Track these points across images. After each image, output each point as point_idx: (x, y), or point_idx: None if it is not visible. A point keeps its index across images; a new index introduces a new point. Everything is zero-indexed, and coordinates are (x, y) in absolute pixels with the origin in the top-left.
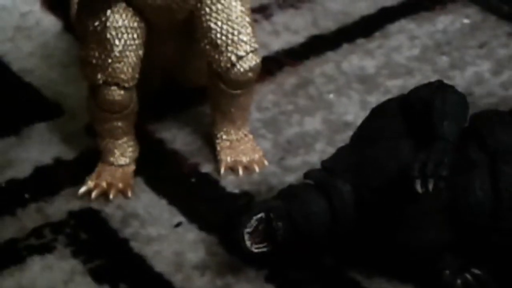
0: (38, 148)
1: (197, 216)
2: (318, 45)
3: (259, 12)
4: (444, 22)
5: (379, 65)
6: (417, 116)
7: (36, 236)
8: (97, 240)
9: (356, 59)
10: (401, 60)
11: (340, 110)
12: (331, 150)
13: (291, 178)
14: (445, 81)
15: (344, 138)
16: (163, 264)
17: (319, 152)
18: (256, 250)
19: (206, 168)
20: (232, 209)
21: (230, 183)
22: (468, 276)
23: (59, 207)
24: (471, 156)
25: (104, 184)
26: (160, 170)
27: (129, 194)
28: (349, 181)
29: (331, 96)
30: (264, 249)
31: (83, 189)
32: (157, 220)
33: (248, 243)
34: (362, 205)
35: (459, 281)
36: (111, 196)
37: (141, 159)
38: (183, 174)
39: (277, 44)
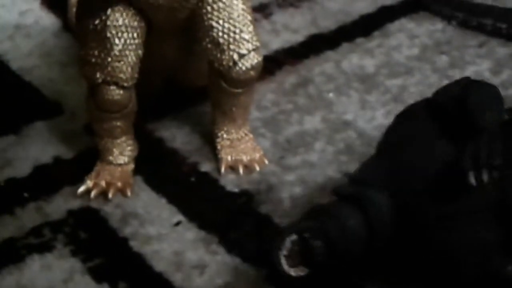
0: (37, 147)
1: (196, 215)
2: (317, 44)
3: (259, 11)
4: (444, 21)
5: (379, 64)
6: (451, 115)
7: (35, 235)
8: (96, 239)
9: (356, 58)
10: (401, 59)
11: (340, 109)
12: (330, 149)
13: (291, 177)
14: (445, 80)
15: (343, 137)
16: (163, 263)
17: (319, 151)
18: (294, 274)
19: (206, 167)
20: (231, 208)
21: (229, 182)
22: None
23: (58, 206)
24: None
25: (103, 183)
26: (160, 169)
27: (128, 193)
28: (382, 189)
29: (331, 95)
30: (302, 273)
31: (82, 189)
32: (157, 219)
33: (285, 267)
34: (401, 212)
35: None
36: (110, 196)
37: (141, 158)
38: (182, 173)
39: (277, 43)
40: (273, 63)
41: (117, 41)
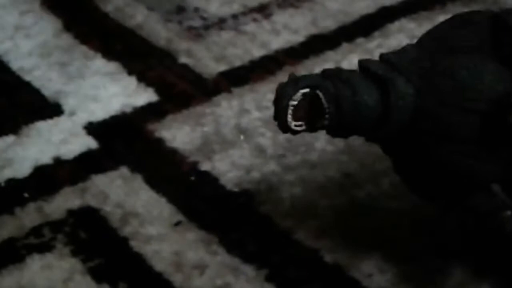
0: (37, 147)
1: (196, 215)
2: (317, 45)
3: (259, 12)
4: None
5: None
6: None
7: (35, 235)
8: (96, 239)
9: (356, 59)
10: None
11: None
12: (331, 149)
13: (291, 177)
14: None
15: None
16: (163, 263)
17: (319, 151)
18: (294, 128)
19: (206, 166)
20: (231, 208)
21: (229, 182)
22: None
23: (58, 206)
24: None
25: None
26: (160, 168)
27: None
28: (414, 83)
29: None
30: (303, 127)
31: None
32: (157, 219)
33: (289, 117)
34: (422, 115)
35: None
36: None
37: (140, 157)
38: (182, 173)
39: (277, 43)
40: (273, 63)
41: None
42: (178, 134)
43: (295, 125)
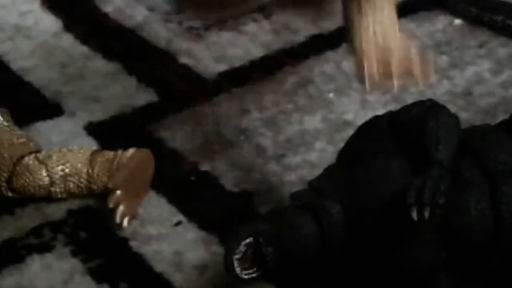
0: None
1: (196, 215)
2: (318, 45)
3: (259, 12)
4: (444, 22)
5: None
6: (408, 136)
7: (35, 235)
8: (96, 239)
9: None
10: None
11: (340, 109)
12: (331, 149)
13: (291, 177)
14: (445, 80)
15: (344, 136)
16: (163, 263)
17: (319, 151)
18: (246, 276)
19: (206, 166)
20: (231, 208)
21: (229, 182)
22: None
23: (59, 206)
24: (464, 174)
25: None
26: (160, 169)
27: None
28: (338, 202)
29: (331, 95)
30: (254, 275)
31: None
32: (157, 219)
33: (237, 269)
34: (352, 226)
35: None
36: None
37: None
38: (182, 173)
39: (277, 43)
40: (273, 63)
41: None
42: (178, 134)
43: (246, 274)
